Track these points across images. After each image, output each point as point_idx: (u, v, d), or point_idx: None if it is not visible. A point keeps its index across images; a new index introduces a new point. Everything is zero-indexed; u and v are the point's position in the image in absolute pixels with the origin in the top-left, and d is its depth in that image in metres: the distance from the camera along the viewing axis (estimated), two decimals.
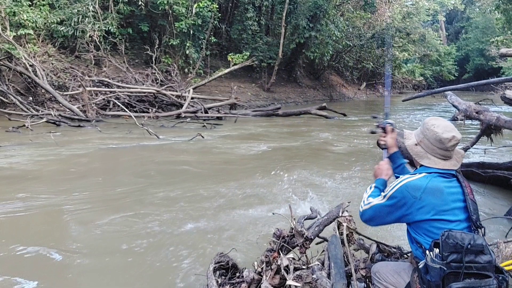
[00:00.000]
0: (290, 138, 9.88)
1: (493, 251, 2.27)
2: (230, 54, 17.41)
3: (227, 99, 14.91)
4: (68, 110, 11.41)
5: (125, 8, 15.39)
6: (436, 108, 20.59)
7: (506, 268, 1.69)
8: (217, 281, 2.37)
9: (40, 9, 13.25)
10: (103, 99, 12.85)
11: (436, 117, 1.93)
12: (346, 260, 2.34)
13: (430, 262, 1.62)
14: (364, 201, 1.98)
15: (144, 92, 13.77)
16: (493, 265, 1.60)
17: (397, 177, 2.20)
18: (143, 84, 14.66)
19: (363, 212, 1.95)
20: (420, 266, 1.70)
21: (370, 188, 2.05)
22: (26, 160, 6.66)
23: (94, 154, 7.32)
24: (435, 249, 1.63)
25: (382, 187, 2.04)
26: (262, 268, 2.26)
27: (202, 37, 16.91)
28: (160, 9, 15.46)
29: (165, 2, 14.97)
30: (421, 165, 1.89)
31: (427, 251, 1.67)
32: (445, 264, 1.57)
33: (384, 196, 1.87)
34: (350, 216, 2.50)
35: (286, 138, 9.86)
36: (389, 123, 2.28)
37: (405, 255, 2.50)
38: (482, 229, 1.74)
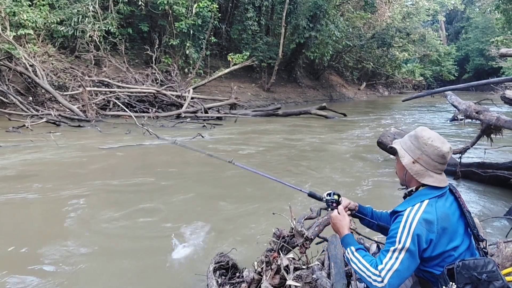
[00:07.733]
0: (291, 138, 9.87)
1: (493, 252, 2.27)
2: (230, 54, 17.42)
3: (227, 99, 14.92)
4: (68, 110, 11.41)
5: (125, 8, 15.39)
6: (436, 108, 20.58)
7: (507, 278, 1.67)
8: (217, 281, 2.37)
9: (40, 9, 13.24)
10: (103, 99, 12.85)
11: (424, 128, 1.75)
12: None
13: None
14: (372, 273, 1.59)
15: (144, 92, 13.78)
16: None
17: (368, 225, 2.05)
18: (143, 84, 14.67)
19: (388, 285, 1.54)
20: None
21: (352, 254, 1.70)
22: (25, 160, 6.65)
23: (94, 154, 7.32)
24: (451, 283, 1.58)
25: (361, 246, 1.76)
26: (262, 268, 2.26)
27: (202, 37, 16.91)
28: (160, 9, 15.46)
29: (165, 2, 14.97)
30: (418, 186, 1.73)
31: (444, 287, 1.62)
32: None
33: (402, 249, 1.57)
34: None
35: (286, 138, 9.85)
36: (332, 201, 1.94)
37: None
38: (484, 241, 1.69)
